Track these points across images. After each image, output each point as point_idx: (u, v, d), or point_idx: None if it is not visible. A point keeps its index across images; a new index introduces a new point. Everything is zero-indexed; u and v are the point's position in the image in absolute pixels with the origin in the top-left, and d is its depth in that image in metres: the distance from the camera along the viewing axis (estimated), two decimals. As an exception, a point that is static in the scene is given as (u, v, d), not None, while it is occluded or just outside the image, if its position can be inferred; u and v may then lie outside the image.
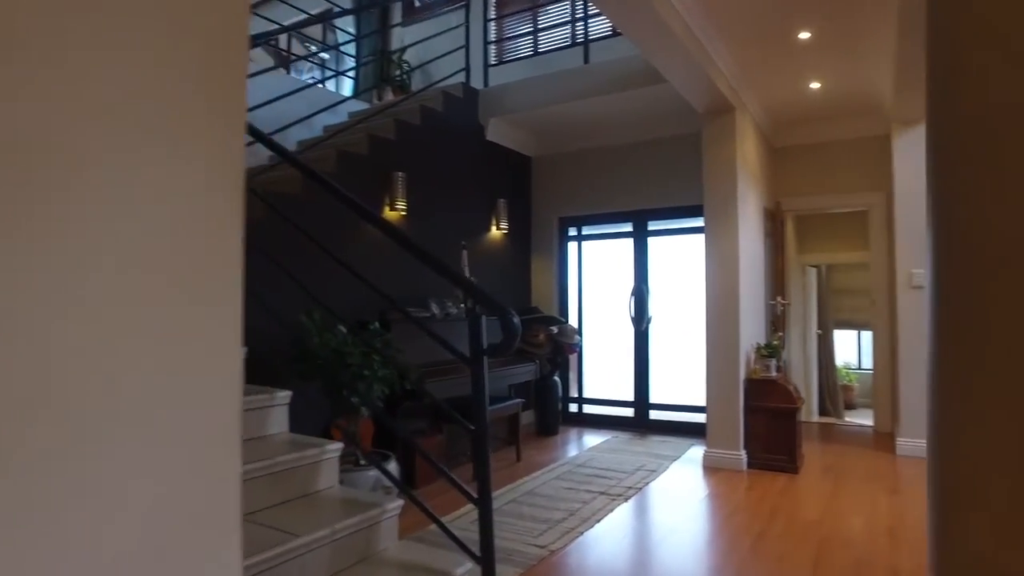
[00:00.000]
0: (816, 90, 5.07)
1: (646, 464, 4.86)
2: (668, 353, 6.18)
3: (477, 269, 5.69)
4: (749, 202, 5.15)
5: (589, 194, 6.50)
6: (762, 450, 4.65)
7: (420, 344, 4.52)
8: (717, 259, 4.76)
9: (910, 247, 5.09)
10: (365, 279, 2.37)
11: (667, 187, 6.06)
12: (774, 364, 4.71)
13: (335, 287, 3.48)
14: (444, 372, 4.48)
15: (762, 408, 4.65)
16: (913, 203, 5.09)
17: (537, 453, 5.31)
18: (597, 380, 6.64)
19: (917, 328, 5.03)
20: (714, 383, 4.74)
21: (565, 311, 6.65)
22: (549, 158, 6.74)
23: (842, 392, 9.83)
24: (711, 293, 4.77)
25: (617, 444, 5.60)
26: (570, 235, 6.71)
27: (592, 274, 6.63)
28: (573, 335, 6.05)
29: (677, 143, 5.99)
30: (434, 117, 5.42)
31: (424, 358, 4.52)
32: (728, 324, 4.68)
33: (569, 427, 6.41)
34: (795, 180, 6.30)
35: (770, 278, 5.91)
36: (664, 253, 6.21)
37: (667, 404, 6.14)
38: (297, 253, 3.40)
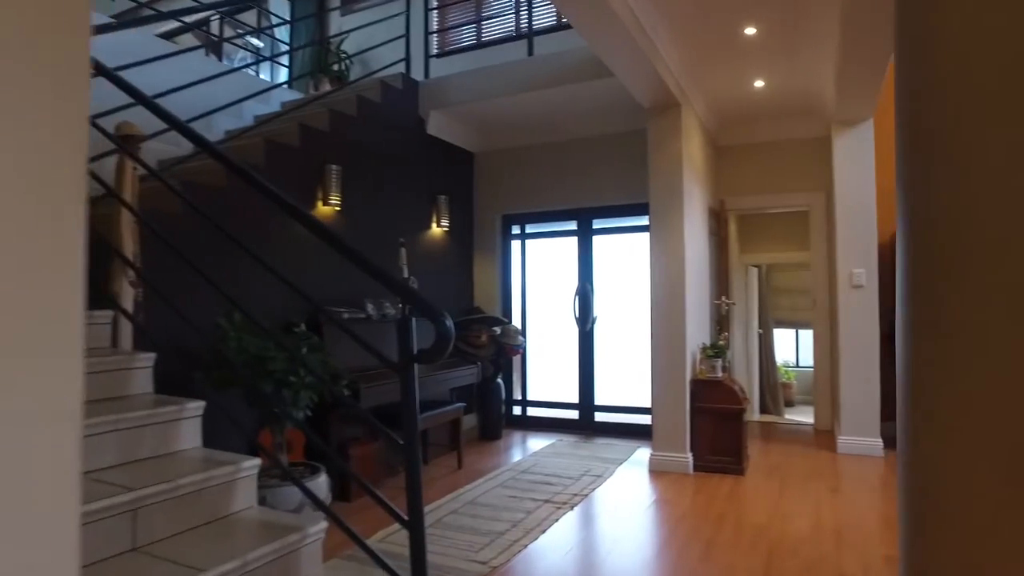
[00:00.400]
0: (760, 89, 5.04)
1: (592, 469, 4.73)
2: (613, 354, 6.08)
3: (417, 268, 5.45)
4: (695, 200, 5.08)
5: (533, 191, 6.35)
6: (708, 452, 4.58)
7: (356, 347, 4.27)
8: (663, 258, 4.67)
9: (851, 247, 5.12)
10: (284, 278, 2.13)
11: (612, 185, 5.96)
12: (720, 365, 4.65)
13: (263, 287, 3.21)
14: (381, 376, 4.23)
15: (708, 409, 4.58)
16: (853, 203, 5.12)
17: (480, 459, 5.12)
18: (541, 382, 6.49)
19: (858, 327, 5.06)
20: (660, 385, 4.64)
21: (508, 311, 6.48)
22: (492, 154, 6.55)
23: (781, 390, 9.99)
24: (657, 293, 4.67)
25: (562, 448, 5.46)
26: (513, 233, 6.54)
27: (536, 273, 6.48)
28: (516, 336, 5.88)
29: (622, 140, 5.89)
30: (372, 108, 5.16)
31: (360, 361, 4.27)
32: (674, 325, 4.59)
33: (513, 431, 6.25)
34: (738, 179, 6.30)
35: (714, 278, 5.88)
36: (609, 252, 6.11)
37: (612, 406, 6.04)
38: (222, 251, 3.12)
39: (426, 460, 4.96)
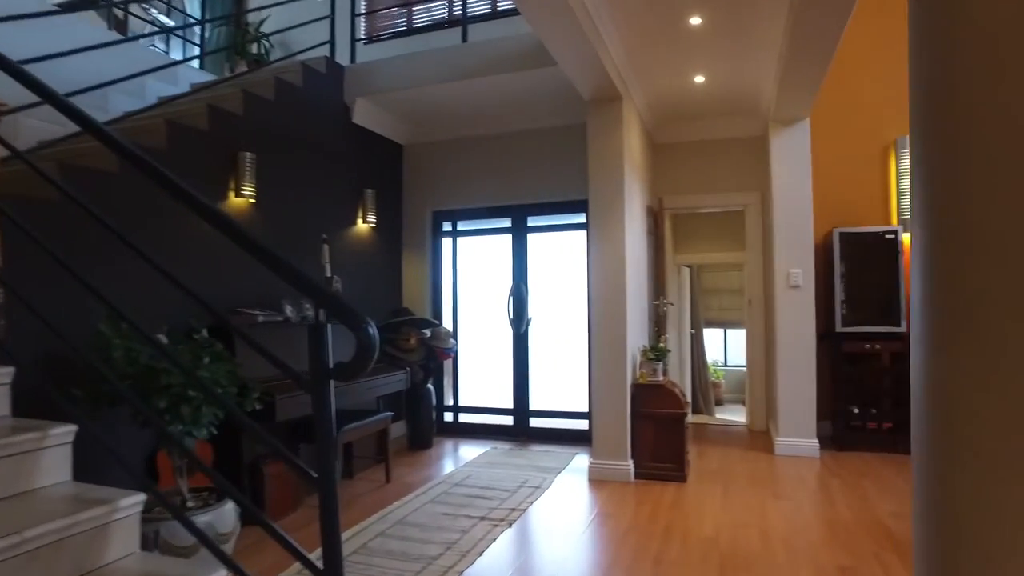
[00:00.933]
0: (700, 85, 4.92)
1: (529, 479, 4.48)
2: (549, 357, 5.85)
3: (341, 266, 5.07)
4: (635, 198, 4.91)
5: (465, 187, 6.05)
6: (649, 459, 4.41)
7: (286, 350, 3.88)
8: (603, 257, 4.47)
9: (788, 247, 5.07)
10: (173, 277, 1.76)
11: (548, 181, 5.73)
12: (661, 368, 4.48)
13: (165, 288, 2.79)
14: (300, 385, 3.84)
15: (649, 415, 4.41)
16: (790, 203, 5.07)
17: (410, 471, 4.78)
18: (474, 387, 6.20)
19: (795, 327, 5.01)
20: (600, 389, 4.44)
21: (439, 313, 6.16)
22: (423, 146, 6.21)
23: (712, 389, 10.06)
24: (596, 293, 4.47)
25: (497, 456, 5.19)
26: (445, 230, 6.22)
27: (468, 273, 6.19)
28: (447, 339, 5.57)
29: (559, 135, 5.68)
30: (292, 92, 4.74)
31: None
32: (614, 326, 4.40)
33: (445, 438, 5.93)
34: (675, 178, 6.19)
35: (652, 278, 5.74)
36: (544, 251, 5.88)
37: (548, 411, 5.82)
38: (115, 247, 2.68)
39: (351, 474, 4.59)
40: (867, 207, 5.63)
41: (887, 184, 5.61)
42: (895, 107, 5.59)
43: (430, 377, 5.66)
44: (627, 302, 4.39)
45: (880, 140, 5.64)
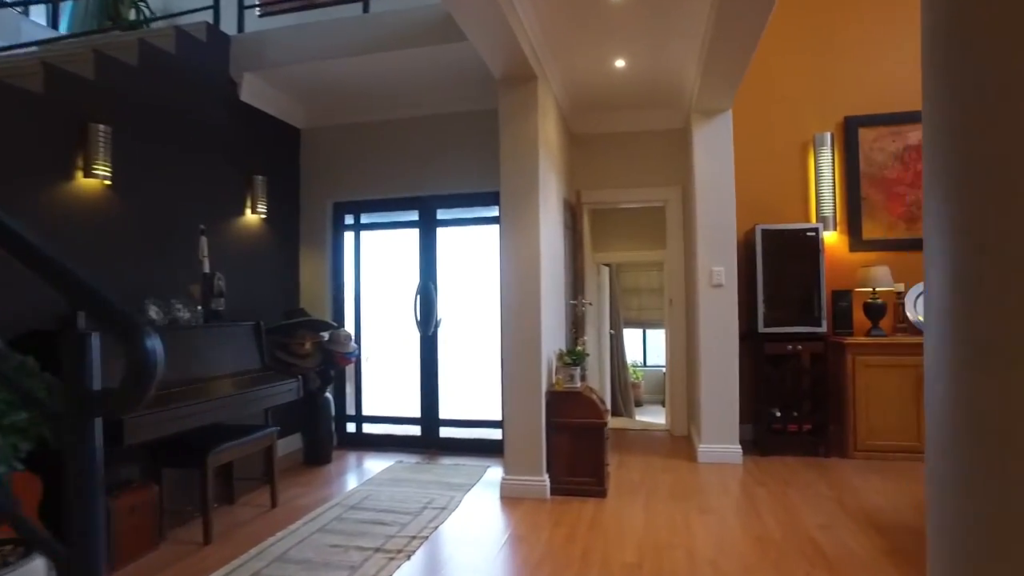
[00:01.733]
0: (621, 70, 4.61)
1: (435, 499, 4.03)
2: (459, 361, 5.42)
3: (225, 261, 4.47)
4: (551, 189, 4.55)
5: (370, 176, 5.53)
6: (566, 473, 4.05)
7: (126, 362, 3.27)
8: (516, 253, 4.07)
9: (710, 244, 4.84)
10: None
11: (460, 171, 5.30)
12: (578, 373, 4.13)
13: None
14: (173, 398, 3.25)
15: (566, 425, 4.05)
16: (713, 198, 4.84)
17: (302, 492, 4.24)
18: (380, 395, 5.69)
19: (718, 328, 4.78)
20: (512, 398, 4.04)
21: (340, 314, 5.62)
22: (322, 131, 5.65)
23: (632, 391, 9.89)
24: (509, 293, 4.07)
25: (402, 472, 4.71)
26: (347, 223, 5.68)
27: (373, 270, 5.67)
28: (348, 342, 5.05)
29: (472, 120, 5.25)
30: (162, 60, 4.11)
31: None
32: (528, 329, 4.01)
33: (346, 451, 5.40)
34: (594, 171, 5.90)
35: (570, 277, 5.41)
36: (455, 246, 5.44)
37: (459, 420, 5.38)
38: None
39: (231, 500, 4.01)
40: (787, 204, 5.50)
41: (806, 181, 5.50)
42: (814, 103, 5.49)
43: (329, 385, 5.12)
44: (542, 302, 4.02)
45: (800, 136, 5.52)
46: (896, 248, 5.32)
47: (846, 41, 5.44)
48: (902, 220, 5.35)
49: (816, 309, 4.90)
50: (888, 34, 5.37)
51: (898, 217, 5.36)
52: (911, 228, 5.33)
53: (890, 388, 4.75)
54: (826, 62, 5.47)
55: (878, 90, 5.38)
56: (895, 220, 5.36)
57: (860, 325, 5.14)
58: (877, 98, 5.39)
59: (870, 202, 5.39)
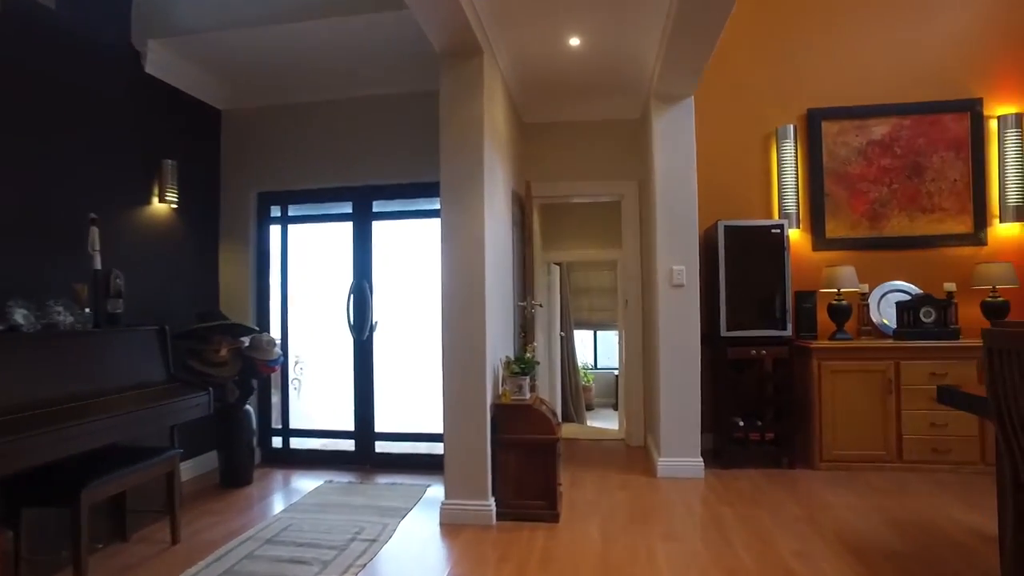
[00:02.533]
0: (576, 50, 4.21)
1: (365, 528, 3.54)
2: (397, 369, 4.93)
3: (125, 257, 3.90)
4: (498, 180, 4.11)
5: (299, 164, 4.99)
6: (515, 495, 3.62)
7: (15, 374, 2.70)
8: (458, 249, 3.62)
9: (671, 241, 4.47)
10: None
11: (398, 158, 4.81)
12: (527, 383, 3.71)
13: None
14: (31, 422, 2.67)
15: (514, 442, 3.61)
16: (674, 192, 4.48)
17: (213, 522, 3.69)
18: (310, 405, 5.15)
19: (679, 331, 4.42)
20: (454, 413, 3.59)
21: (265, 316, 5.06)
22: (246, 113, 5.08)
23: (583, 394, 9.55)
24: (449, 294, 3.62)
25: (331, 494, 4.20)
26: (273, 216, 5.12)
27: (302, 267, 5.13)
28: (271, 348, 4.50)
29: (413, 102, 4.77)
30: (38, 16, 3.50)
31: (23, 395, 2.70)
32: (472, 334, 3.56)
33: (272, 469, 4.85)
34: (545, 163, 5.49)
35: (519, 276, 4.99)
36: (393, 242, 4.94)
37: (397, 433, 4.89)
38: None
39: (124, 536, 3.43)
40: (749, 200, 5.20)
41: (768, 176, 5.21)
42: (777, 94, 5.20)
43: (249, 396, 4.56)
44: (487, 304, 3.58)
45: (762, 128, 5.22)
46: (860, 247, 5.08)
47: (810, 30, 5.17)
48: (865, 218, 5.11)
49: (781, 311, 4.59)
50: (853, 25, 5.13)
51: (861, 215, 5.12)
52: (875, 226, 5.10)
53: (857, 394, 4.48)
54: (789, 51, 5.19)
55: (842, 82, 5.13)
56: (858, 218, 5.12)
57: (824, 328, 4.87)
58: (841, 90, 5.14)
59: (833, 199, 5.14)
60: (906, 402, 4.44)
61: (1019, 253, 4.89)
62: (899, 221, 5.07)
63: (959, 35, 5.02)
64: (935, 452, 4.39)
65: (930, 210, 5.04)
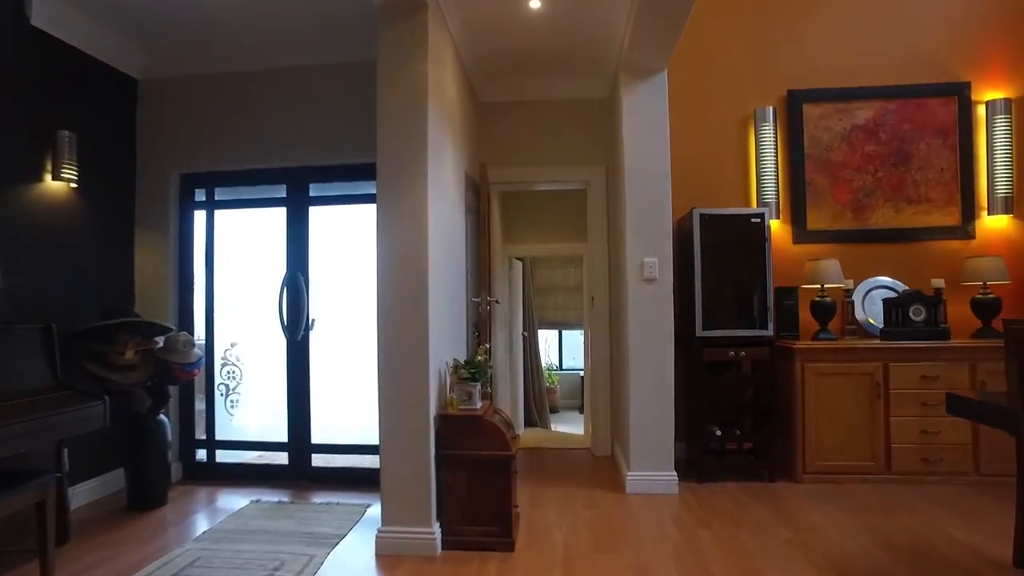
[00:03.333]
0: (536, 13, 3.74)
1: (288, 562, 3.01)
2: (337, 372, 4.40)
3: (10, 242, 3.30)
4: (447, 158, 3.62)
5: (227, 142, 4.43)
6: (464, 520, 3.13)
7: None
8: (397, 237, 3.12)
9: (642, 232, 4.03)
10: None
11: (338, 136, 4.28)
12: (478, 390, 3.22)
13: None
14: None
15: (463, 459, 3.12)
16: (646, 177, 4.04)
17: (106, 556, 3.12)
18: (240, 413, 4.58)
19: (651, 330, 3.99)
20: (391, 426, 3.08)
21: (188, 313, 4.48)
22: (167, 83, 4.49)
23: (547, 397, 9.10)
24: (386, 289, 3.11)
25: (256, 517, 3.66)
26: (198, 200, 4.55)
27: (232, 258, 4.56)
28: (188, 350, 3.94)
29: (353, 73, 4.24)
30: None
31: None
32: (412, 334, 3.06)
33: (195, 486, 4.28)
34: (504, 147, 5.03)
35: (473, 269, 4.50)
36: (332, 229, 4.41)
37: (336, 445, 4.36)
38: None
39: (-11, 575, 2.85)
40: (724, 188, 4.79)
41: (746, 162, 4.81)
42: (756, 74, 4.81)
43: (164, 405, 3.99)
44: (430, 299, 3.08)
45: (739, 111, 4.82)
46: (843, 240, 4.71)
47: (792, 5, 4.79)
48: (848, 209, 4.75)
49: (762, 309, 4.19)
50: (837, 1, 4.76)
51: (844, 205, 4.75)
52: (858, 218, 4.73)
53: (842, 400, 4.10)
54: (769, 27, 4.79)
55: (824, 62, 4.76)
56: (841, 208, 4.75)
57: (806, 327, 4.49)
58: (823, 71, 4.76)
59: (815, 188, 4.76)
60: (895, 407, 4.07)
61: (1008, 247, 4.57)
62: (884, 212, 4.72)
63: (947, 15, 4.69)
64: (925, 462, 4.03)
65: (916, 201, 4.70)
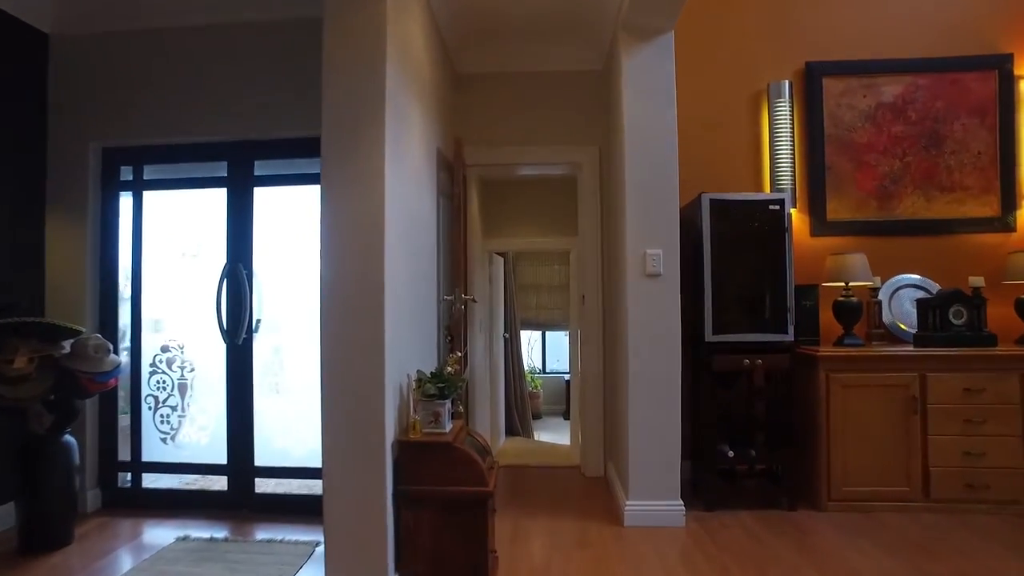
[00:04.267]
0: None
1: (201, 628, 2.38)
2: (288, 382, 3.75)
3: None
4: (413, 131, 3.00)
5: (158, 111, 3.76)
6: (428, 570, 2.50)
7: None
8: (346, 220, 2.49)
9: (645, 218, 3.44)
10: None
11: (289, 106, 3.63)
12: (448, 410, 2.60)
13: None
14: None
15: (428, 495, 2.50)
16: (652, 153, 3.45)
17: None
18: (174, 430, 3.91)
19: (654, 335, 3.39)
20: (337, 454, 2.45)
21: (112, 311, 3.81)
22: (86, 41, 3.81)
23: (530, 402, 8.49)
24: (332, 285, 2.48)
25: (179, 560, 3.01)
26: (123, 179, 3.88)
27: (163, 248, 3.89)
28: (101, 356, 3.27)
29: (307, 32, 3.59)
30: None
31: None
32: (363, 341, 2.43)
33: (116, 518, 3.63)
34: (483, 124, 4.42)
35: (447, 262, 3.88)
36: (283, 214, 3.76)
37: (284, 468, 3.71)
38: None
39: None
40: (733, 173, 4.23)
41: (758, 144, 4.25)
42: (770, 44, 4.24)
43: (70, 423, 3.31)
44: (387, 297, 2.45)
45: (750, 85, 4.26)
46: (866, 232, 4.17)
47: (809, -36, 4.23)
48: (873, 197, 4.20)
49: (781, 310, 3.62)
50: (860, -42, 4.21)
51: (868, 193, 4.20)
52: (884, 207, 4.19)
53: (873, 415, 3.55)
54: (784, -10, 4.24)
55: (848, 31, 4.21)
56: (865, 197, 4.20)
57: (827, 331, 3.93)
58: (846, 41, 4.21)
59: (836, 173, 4.20)
60: (934, 424, 3.52)
61: (1053, 241, 4.06)
62: (913, 201, 4.17)
63: (983, -21, 4.16)
64: (969, 488, 3.48)
65: (949, 188, 4.16)
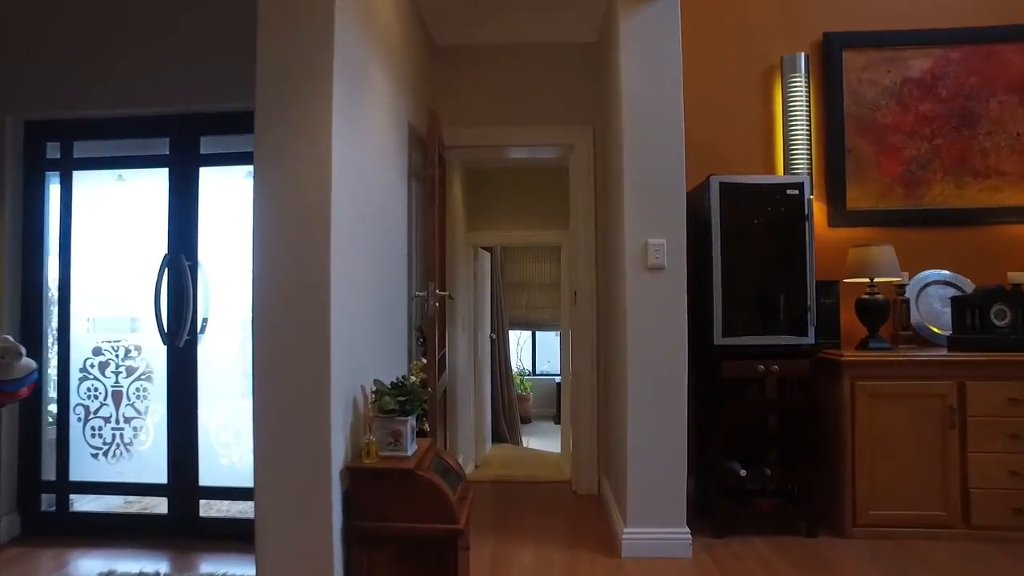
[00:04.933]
0: None
1: None
2: (240, 392, 3.28)
3: None
4: (376, 100, 2.55)
5: (89, 76, 3.28)
6: (385, 626, 2.05)
7: None
8: (283, 197, 2.03)
9: (646, 204, 3.00)
10: None
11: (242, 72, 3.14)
12: (411, 428, 2.14)
13: None
14: None
15: (386, 534, 2.04)
16: (654, 130, 3.01)
17: None
18: (111, 444, 3.43)
19: (657, 336, 2.96)
20: (273, 484, 2.00)
21: (35, 311, 3.33)
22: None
23: (518, 406, 8.06)
24: (265, 276, 2.02)
25: (93, 604, 2.54)
26: (49, 158, 3.40)
27: (95, 237, 3.41)
28: (13, 362, 2.78)
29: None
30: None
31: None
32: (305, 346, 1.98)
33: (36, 547, 3.15)
34: (465, 102, 3.99)
35: (419, 253, 3.43)
36: (233, 198, 3.28)
37: (234, 488, 3.23)
38: None
39: None
40: (744, 155, 3.79)
41: (770, 124, 3.82)
42: (783, 13, 3.81)
43: (-22, 439, 2.84)
44: (334, 293, 2.00)
45: (762, 59, 3.83)
46: (891, 222, 3.75)
47: (828, -77, 3.81)
48: (898, 183, 3.78)
49: (801, 309, 3.18)
50: (884, -82, 3.79)
51: (893, 179, 3.78)
52: (910, 195, 3.77)
53: (904, 429, 3.12)
54: (800, -48, 3.81)
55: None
56: (890, 183, 3.78)
57: (849, 333, 3.50)
58: (869, 9, 3.79)
59: (857, 156, 3.78)
60: (974, 440, 3.09)
61: (1097, 233, 3.65)
62: (943, 188, 3.76)
63: (1021, -59, 3.74)
64: (1017, 514, 3.05)
65: (984, 174, 3.74)
